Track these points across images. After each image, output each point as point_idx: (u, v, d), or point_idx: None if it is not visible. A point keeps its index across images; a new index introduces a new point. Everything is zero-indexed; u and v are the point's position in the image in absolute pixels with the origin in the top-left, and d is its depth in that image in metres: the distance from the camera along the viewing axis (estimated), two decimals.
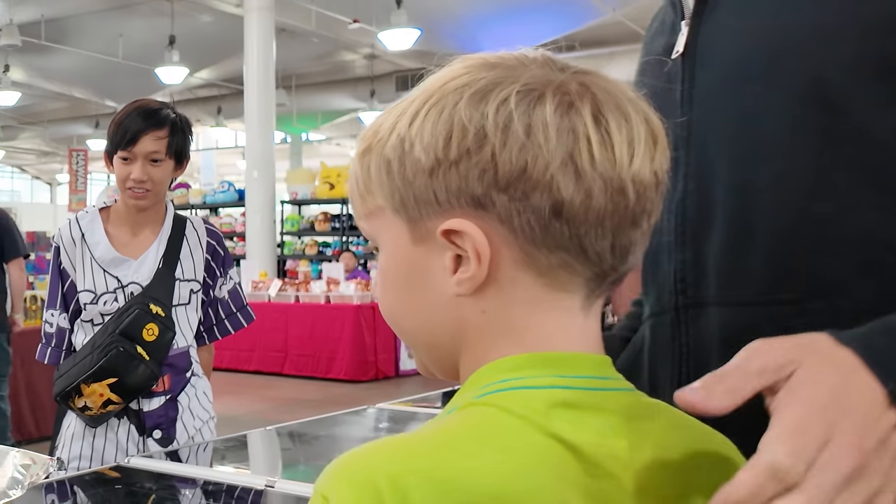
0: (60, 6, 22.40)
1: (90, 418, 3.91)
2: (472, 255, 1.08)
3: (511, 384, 1.09)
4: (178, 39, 23.49)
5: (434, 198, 1.10)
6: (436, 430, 1.09)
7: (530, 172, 1.05)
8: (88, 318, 4.00)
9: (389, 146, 1.13)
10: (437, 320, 1.18)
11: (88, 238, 4.01)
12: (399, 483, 0.95)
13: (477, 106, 1.08)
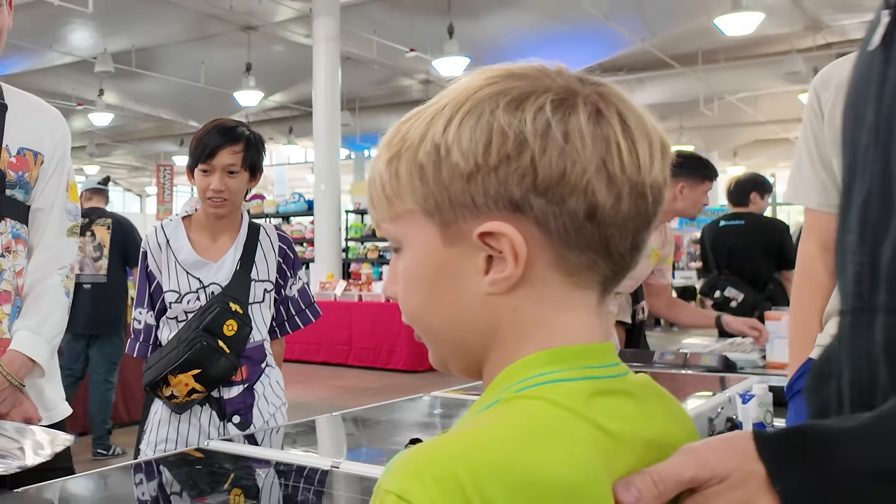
0: (149, 37, 22.51)
1: (176, 406, 3.93)
2: (510, 256, 1.07)
3: (550, 377, 1.08)
4: (254, 66, 23.57)
5: (471, 201, 1.09)
6: (495, 422, 1.05)
7: (569, 177, 1.05)
8: (173, 315, 4.02)
9: (423, 152, 1.12)
10: (466, 319, 1.16)
11: (173, 243, 4.04)
12: (478, 476, 0.94)
13: (514, 113, 1.07)
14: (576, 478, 0.99)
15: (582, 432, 1.04)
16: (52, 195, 3.16)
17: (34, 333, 3.02)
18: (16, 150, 3.07)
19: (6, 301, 3.05)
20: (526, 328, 1.13)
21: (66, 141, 3.25)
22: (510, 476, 0.96)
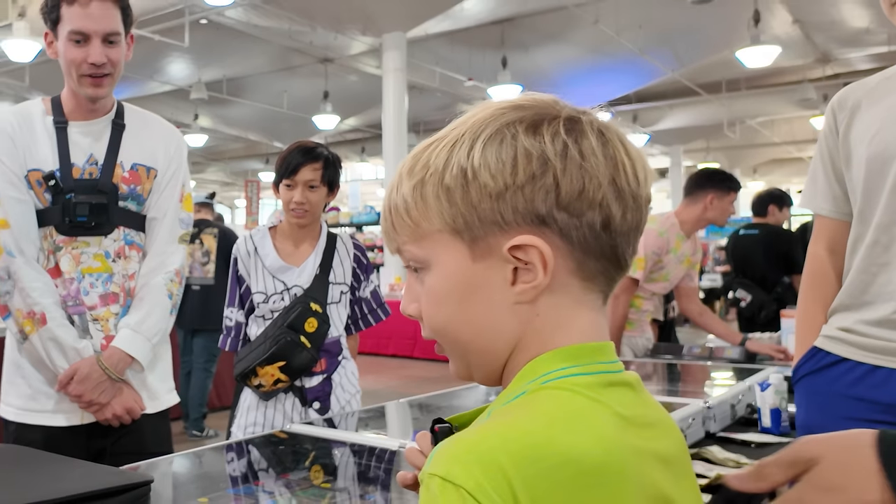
0: (238, 68, 22.58)
1: (263, 394, 4.01)
2: (539, 266, 1.11)
3: (569, 371, 1.12)
4: (331, 94, 23.58)
5: (500, 218, 1.11)
6: (526, 412, 1.08)
7: (587, 192, 1.09)
8: (260, 314, 4.09)
9: (449, 176, 1.13)
10: (494, 328, 1.18)
11: (260, 250, 4.11)
12: (518, 459, 0.97)
13: (534, 136, 1.10)
14: (605, 457, 1.03)
15: (603, 417, 1.08)
16: (166, 205, 3.20)
17: (134, 332, 3.06)
18: (129, 166, 3.13)
19: (114, 301, 3.11)
20: (548, 331, 1.16)
21: (180, 156, 3.30)
22: (547, 458, 0.99)
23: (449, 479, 0.97)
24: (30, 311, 2.99)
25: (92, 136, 3.13)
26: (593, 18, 17.98)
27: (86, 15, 2.97)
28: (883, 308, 2.58)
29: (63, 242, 3.07)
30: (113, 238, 3.11)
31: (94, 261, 3.08)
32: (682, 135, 31.00)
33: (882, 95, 2.66)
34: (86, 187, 3.05)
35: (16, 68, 20.27)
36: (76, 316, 3.08)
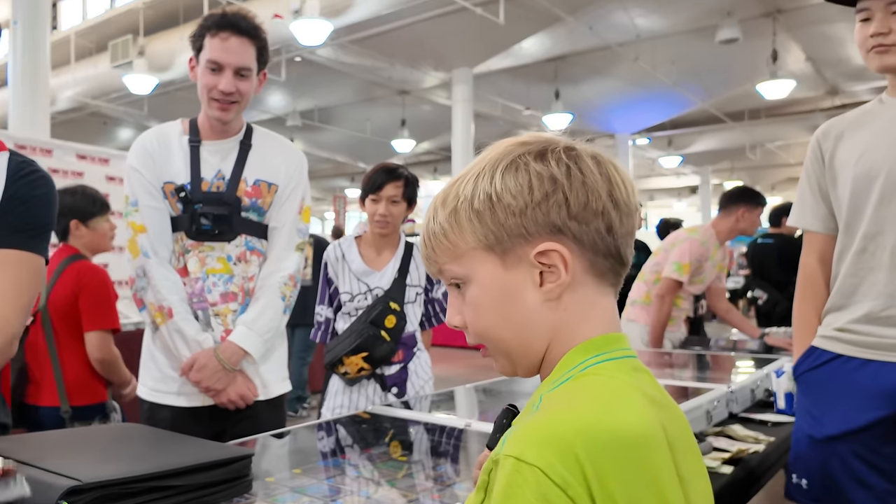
0: (328, 99, 22.72)
1: (348, 380, 4.09)
2: (560, 266, 1.20)
3: (602, 358, 1.21)
4: (407, 121, 23.65)
5: (524, 231, 1.21)
6: (582, 396, 1.15)
7: (591, 204, 1.21)
8: (346, 311, 4.15)
9: (477, 202, 1.23)
10: (530, 326, 1.25)
11: (347, 256, 4.18)
12: (581, 438, 1.02)
13: (542, 161, 1.21)
14: (644, 430, 1.10)
15: (636, 397, 1.16)
16: (286, 217, 3.22)
17: (248, 328, 3.08)
18: (252, 181, 3.15)
19: (233, 300, 3.14)
20: (575, 323, 1.24)
21: (300, 173, 3.31)
22: (603, 435, 1.04)
23: (523, 460, 1.01)
24: (160, 305, 3.04)
25: (221, 153, 3.17)
26: (633, 56, 17.93)
27: (224, 48, 3.02)
28: (871, 305, 2.73)
29: (191, 246, 3.11)
30: (235, 244, 3.14)
31: (217, 263, 3.12)
32: (710, 157, 30.87)
33: (862, 125, 2.85)
34: (212, 199, 3.08)
35: (135, 99, 20.53)
36: (200, 311, 3.13)
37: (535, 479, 0.99)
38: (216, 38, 3.03)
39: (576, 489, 0.99)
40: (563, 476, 0.99)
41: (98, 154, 7.70)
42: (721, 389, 3.52)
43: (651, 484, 1.07)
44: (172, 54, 17.21)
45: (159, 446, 2.07)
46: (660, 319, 6.10)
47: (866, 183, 2.72)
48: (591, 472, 1.00)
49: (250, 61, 3.08)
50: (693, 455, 1.25)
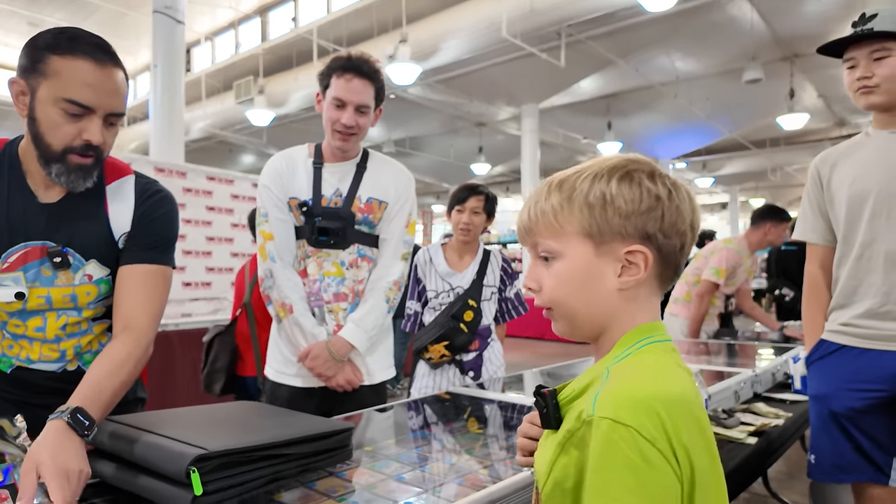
0: (417, 130, 22.83)
1: (432, 365, 4.16)
2: (642, 266, 1.27)
3: (654, 339, 1.29)
4: (484, 148, 23.69)
5: (623, 231, 1.27)
6: (647, 368, 1.23)
7: (677, 225, 1.29)
8: (432, 306, 4.20)
9: (592, 197, 1.28)
10: (599, 304, 1.31)
11: (433, 260, 4.26)
12: (662, 402, 1.13)
13: (652, 181, 1.28)
14: (693, 395, 1.21)
15: (679, 370, 1.27)
16: (394, 230, 3.24)
17: (356, 325, 3.09)
18: (365, 199, 3.16)
19: (344, 300, 3.14)
20: (634, 311, 1.31)
21: (408, 192, 3.32)
22: (671, 399, 1.15)
23: (619, 421, 1.09)
24: (283, 302, 3.07)
25: (340, 174, 3.18)
26: (673, 94, 17.80)
27: (348, 88, 3.03)
28: (870, 303, 2.85)
29: (311, 252, 3.14)
30: (348, 251, 3.15)
31: (332, 267, 3.14)
32: (738, 178, 30.70)
33: (852, 154, 2.98)
34: (329, 214, 3.10)
35: (256, 130, 20.74)
36: (316, 308, 3.14)
37: (630, 436, 1.07)
38: (342, 79, 3.05)
39: (661, 443, 1.08)
40: (652, 433, 1.08)
41: (224, 176, 7.80)
42: (747, 373, 3.67)
43: (701, 435, 1.17)
44: (287, 92, 17.43)
45: (274, 420, 2.07)
46: (698, 315, 6.27)
47: (860, 201, 2.86)
48: (670, 428, 1.10)
49: (369, 100, 3.09)
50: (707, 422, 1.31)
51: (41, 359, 2.15)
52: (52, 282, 2.08)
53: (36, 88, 1.91)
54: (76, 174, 1.99)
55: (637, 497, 1.06)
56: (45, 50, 1.90)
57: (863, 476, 2.87)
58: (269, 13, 20.12)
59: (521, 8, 11.99)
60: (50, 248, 2.05)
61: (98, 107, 1.94)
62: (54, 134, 1.93)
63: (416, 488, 1.86)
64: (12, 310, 2.06)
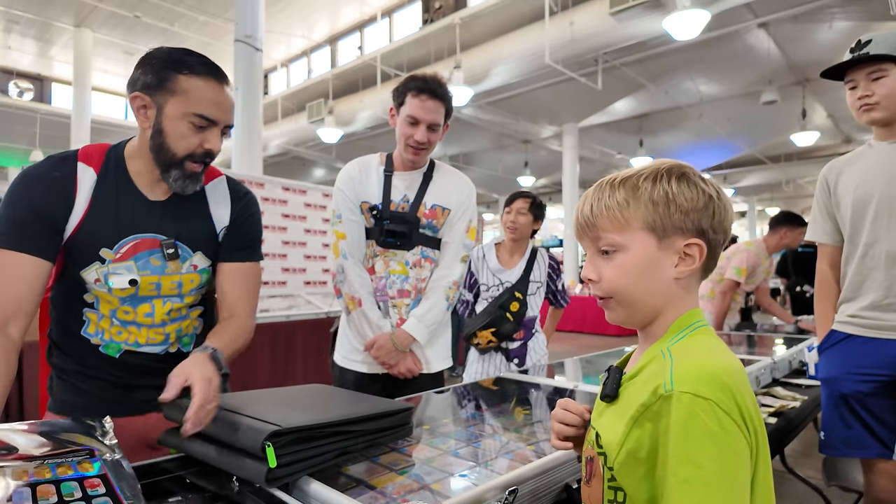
0: (469, 146, 22.89)
1: (480, 350, 4.22)
2: (698, 258, 1.28)
3: (702, 323, 1.30)
4: (529, 163, 23.68)
5: (683, 226, 1.27)
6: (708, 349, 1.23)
7: (724, 222, 1.30)
8: (483, 298, 4.26)
9: (656, 195, 1.28)
10: (657, 292, 1.30)
11: (486, 256, 4.33)
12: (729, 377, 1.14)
13: (704, 183, 1.29)
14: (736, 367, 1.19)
15: (726, 348, 1.25)
16: (455, 234, 3.23)
17: (418, 320, 3.09)
18: (430, 205, 3.15)
19: (407, 296, 3.14)
20: (685, 297, 1.31)
21: (469, 200, 3.29)
22: (735, 373, 1.16)
23: (700, 395, 1.10)
24: (352, 296, 3.08)
25: (407, 182, 3.17)
26: (698, 114, 17.73)
27: (422, 107, 3.01)
28: (873, 296, 2.89)
29: (379, 252, 3.14)
30: (413, 252, 3.14)
31: (397, 266, 3.14)
32: (755, 189, 30.47)
33: (856, 163, 3.01)
34: (397, 218, 3.10)
35: (326, 146, 20.96)
36: (381, 302, 3.14)
37: (710, 408, 1.09)
38: (417, 99, 3.02)
39: (735, 413, 1.10)
40: (727, 405, 1.10)
41: (298, 187, 7.84)
42: (766, 360, 3.70)
43: (754, 405, 1.16)
44: (354, 112, 17.46)
45: (342, 400, 2.07)
46: (722, 310, 6.30)
47: (863, 205, 2.90)
48: (740, 400, 1.12)
49: (440, 118, 3.06)
50: None
51: (147, 342, 2.17)
52: (163, 270, 2.12)
53: (163, 104, 1.98)
54: (190, 179, 2.08)
55: (717, 462, 1.08)
56: (172, 70, 1.98)
57: (870, 452, 2.92)
58: (338, 42, 20.24)
59: (563, 37, 11.95)
60: (163, 240, 2.10)
61: (220, 120, 2.04)
62: (179, 144, 2.00)
63: (470, 462, 1.83)
64: (125, 296, 2.09)
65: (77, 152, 2.07)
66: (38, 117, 21.08)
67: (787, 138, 18.51)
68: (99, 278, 2.04)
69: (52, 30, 18.39)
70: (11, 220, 1.93)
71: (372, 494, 1.59)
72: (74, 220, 2.00)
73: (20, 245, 1.91)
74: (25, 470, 1.40)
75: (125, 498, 1.33)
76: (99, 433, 1.63)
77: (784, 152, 24.12)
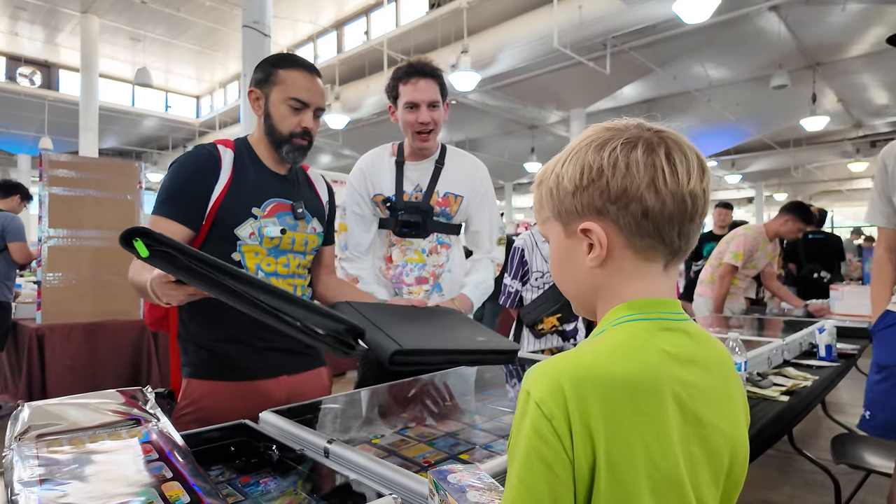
0: (475, 132, 22.84)
1: (537, 334, 4.47)
2: (597, 243, 1.15)
3: (635, 317, 1.13)
4: (536, 148, 23.55)
5: (575, 209, 1.17)
6: (594, 346, 1.10)
7: (629, 191, 1.11)
8: (535, 285, 4.45)
9: (551, 180, 1.21)
10: (581, 283, 1.22)
11: (538, 243, 4.49)
12: (575, 380, 1.00)
13: (597, 152, 1.14)
14: (644, 378, 1.04)
15: (650, 351, 1.08)
16: (484, 220, 3.38)
17: (475, 287, 3.27)
18: (443, 193, 3.23)
19: (425, 283, 3.22)
20: (616, 288, 1.17)
21: (485, 182, 3.39)
22: (598, 378, 1.01)
23: (530, 394, 1.02)
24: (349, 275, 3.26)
25: (419, 171, 3.25)
26: (707, 99, 17.61)
27: (416, 90, 3.10)
28: None
29: (396, 241, 3.23)
30: (428, 240, 3.23)
31: (414, 254, 3.22)
32: (763, 175, 30.22)
33: None
34: (410, 207, 3.19)
35: (333, 133, 20.88)
36: (397, 290, 3.23)
37: (532, 410, 1.00)
38: (409, 84, 3.11)
39: (559, 421, 0.98)
40: (552, 410, 0.99)
41: None
42: (778, 342, 3.78)
43: (640, 424, 1.01)
44: (360, 98, 17.48)
45: (467, 329, 2.32)
46: (720, 293, 6.42)
47: None
48: (575, 410, 0.99)
49: (437, 95, 3.14)
50: (727, 403, 1.18)
51: None
52: (295, 228, 2.56)
53: (269, 94, 2.49)
54: (298, 152, 2.53)
55: (523, 467, 1.00)
56: (274, 66, 2.49)
57: None
58: (345, 27, 20.24)
59: (571, 21, 11.96)
60: (294, 203, 2.56)
61: (311, 103, 2.49)
62: (283, 123, 2.48)
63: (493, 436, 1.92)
64: (271, 246, 2.49)
65: (213, 142, 2.50)
66: (46, 104, 21.09)
67: (797, 123, 18.32)
68: (253, 231, 2.44)
69: (58, 16, 18.44)
70: (168, 193, 2.36)
71: (402, 462, 1.68)
72: (220, 187, 2.40)
73: (174, 214, 2.34)
74: (81, 439, 1.49)
75: (177, 462, 1.42)
76: (142, 402, 1.72)
77: (793, 137, 24.02)
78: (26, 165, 26.02)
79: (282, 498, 1.58)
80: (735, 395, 1.21)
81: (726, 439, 1.13)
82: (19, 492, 1.19)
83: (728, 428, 1.14)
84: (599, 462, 0.99)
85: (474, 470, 1.28)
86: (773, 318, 5.84)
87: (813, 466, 4.33)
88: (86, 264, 6.35)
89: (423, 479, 1.43)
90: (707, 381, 1.13)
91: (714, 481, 1.11)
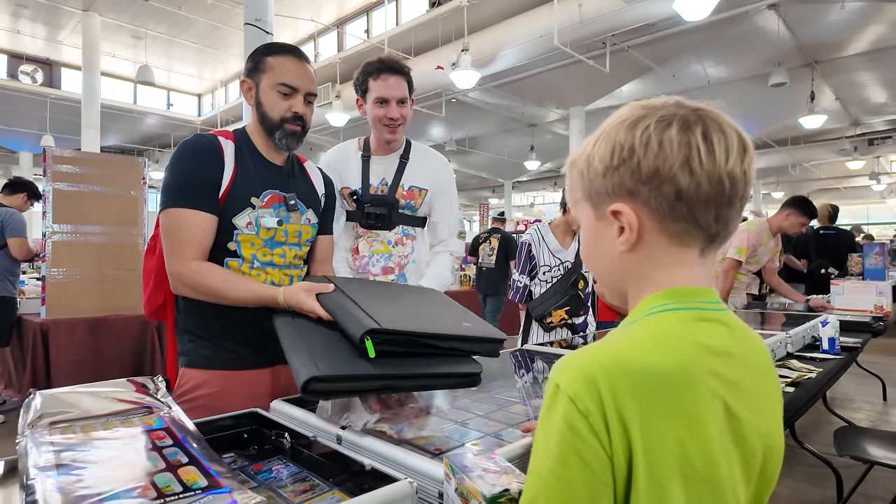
0: (475, 130, 22.83)
1: (546, 327, 4.56)
2: (627, 226, 1.10)
3: (670, 307, 1.09)
4: (535, 146, 23.61)
5: (605, 191, 1.13)
6: (627, 336, 1.06)
7: (661, 172, 1.05)
8: (543, 279, 4.59)
9: (581, 161, 1.18)
10: (611, 267, 1.18)
11: (545, 238, 4.62)
12: (608, 373, 0.96)
13: (629, 131, 1.09)
14: (679, 369, 0.99)
15: (685, 342, 1.04)
16: (443, 213, 3.40)
17: (433, 279, 3.23)
18: (408, 187, 3.29)
19: (391, 273, 3.26)
20: (647, 275, 1.13)
21: (447, 178, 3.42)
22: (631, 370, 0.96)
23: (560, 387, 0.98)
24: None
25: (385, 165, 3.31)
26: (706, 97, 17.70)
27: (386, 86, 3.16)
28: None
29: (362, 233, 3.27)
30: (394, 232, 3.27)
31: (380, 245, 3.26)
32: (762, 173, 30.28)
33: None
34: (377, 200, 3.24)
35: (334, 130, 20.87)
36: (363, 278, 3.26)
37: (565, 403, 0.96)
38: (379, 80, 3.19)
39: (595, 416, 0.94)
40: (586, 404, 0.95)
41: None
42: (781, 335, 3.81)
43: (675, 418, 0.96)
44: None
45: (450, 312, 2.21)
46: (724, 288, 6.36)
47: None
48: (615, 403, 0.94)
49: (406, 92, 3.21)
50: (763, 399, 1.12)
51: (278, 283, 2.55)
52: (288, 220, 2.56)
53: (259, 82, 2.51)
54: (291, 138, 2.55)
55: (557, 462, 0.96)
56: (262, 55, 2.51)
57: None
58: (346, 26, 20.21)
59: (571, 20, 11.97)
60: (287, 195, 2.56)
61: (300, 87, 2.51)
62: (274, 109, 2.49)
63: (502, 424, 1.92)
64: (268, 237, 2.50)
65: (211, 133, 2.51)
66: (48, 102, 21.09)
67: (795, 121, 18.43)
68: (251, 221, 2.45)
69: (60, 14, 18.39)
70: (183, 182, 2.37)
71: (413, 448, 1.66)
72: (227, 177, 2.43)
73: (200, 203, 2.36)
74: (93, 427, 1.48)
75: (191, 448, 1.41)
76: (153, 391, 1.71)
77: (791, 135, 24.11)
78: (28, 163, 26.06)
79: (295, 485, 1.58)
80: (771, 390, 1.17)
81: (761, 435, 1.08)
82: (35, 476, 1.18)
83: (763, 424, 1.09)
84: (637, 456, 0.94)
85: (489, 454, 1.27)
86: (775, 312, 5.88)
87: (815, 460, 4.35)
88: (90, 259, 6.36)
89: (438, 463, 1.43)
90: (744, 375, 1.08)
91: (745, 478, 1.07)
